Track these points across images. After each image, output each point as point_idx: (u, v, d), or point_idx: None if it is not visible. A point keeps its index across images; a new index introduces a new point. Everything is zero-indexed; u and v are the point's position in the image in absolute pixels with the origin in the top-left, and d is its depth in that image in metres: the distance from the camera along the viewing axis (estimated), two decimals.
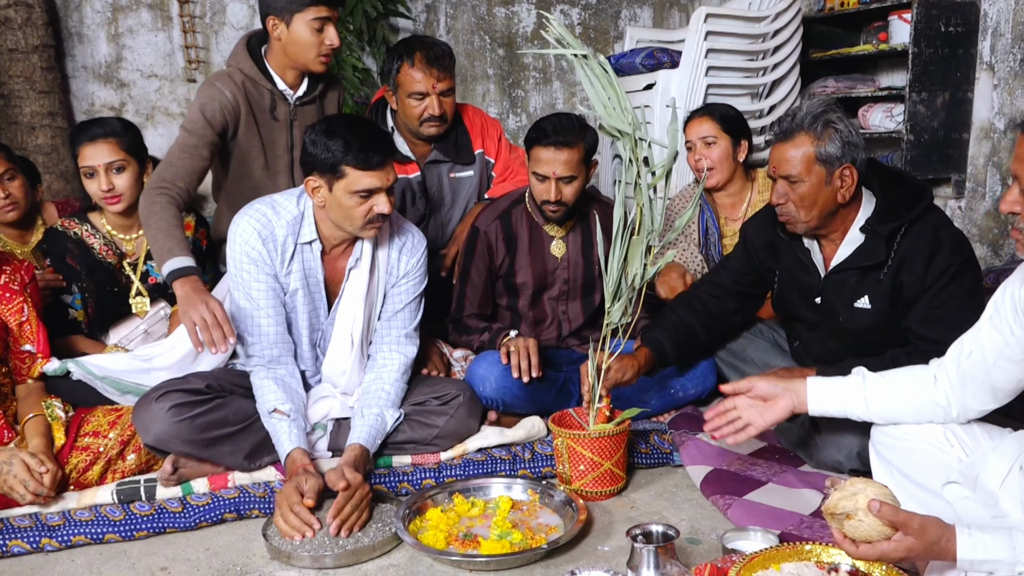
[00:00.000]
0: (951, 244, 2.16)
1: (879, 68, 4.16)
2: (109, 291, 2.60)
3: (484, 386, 2.47)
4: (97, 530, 2.03)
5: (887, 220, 2.19)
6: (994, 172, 3.68)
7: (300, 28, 2.58)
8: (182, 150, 2.55)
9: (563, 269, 2.75)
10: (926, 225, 2.17)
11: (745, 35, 3.67)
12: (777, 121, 2.28)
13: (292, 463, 2.11)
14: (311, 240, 2.30)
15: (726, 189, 3.03)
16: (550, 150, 2.49)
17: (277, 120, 2.72)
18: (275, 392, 2.23)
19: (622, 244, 2.07)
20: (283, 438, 2.16)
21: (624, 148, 2.02)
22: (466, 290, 2.76)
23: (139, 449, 2.25)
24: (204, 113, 2.58)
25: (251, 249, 2.25)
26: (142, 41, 4.41)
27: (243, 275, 2.27)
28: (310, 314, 2.37)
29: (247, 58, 2.68)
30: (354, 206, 2.18)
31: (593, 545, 2.00)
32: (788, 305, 2.47)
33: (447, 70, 2.78)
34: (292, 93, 2.73)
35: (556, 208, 2.57)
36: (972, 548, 1.43)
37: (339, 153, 2.14)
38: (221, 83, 2.63)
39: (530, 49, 5.15)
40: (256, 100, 2.68)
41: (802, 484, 2.19)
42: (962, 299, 2.14)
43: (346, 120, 2.21)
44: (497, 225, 2.72)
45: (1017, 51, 3.52)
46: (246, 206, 2.32)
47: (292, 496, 1.98)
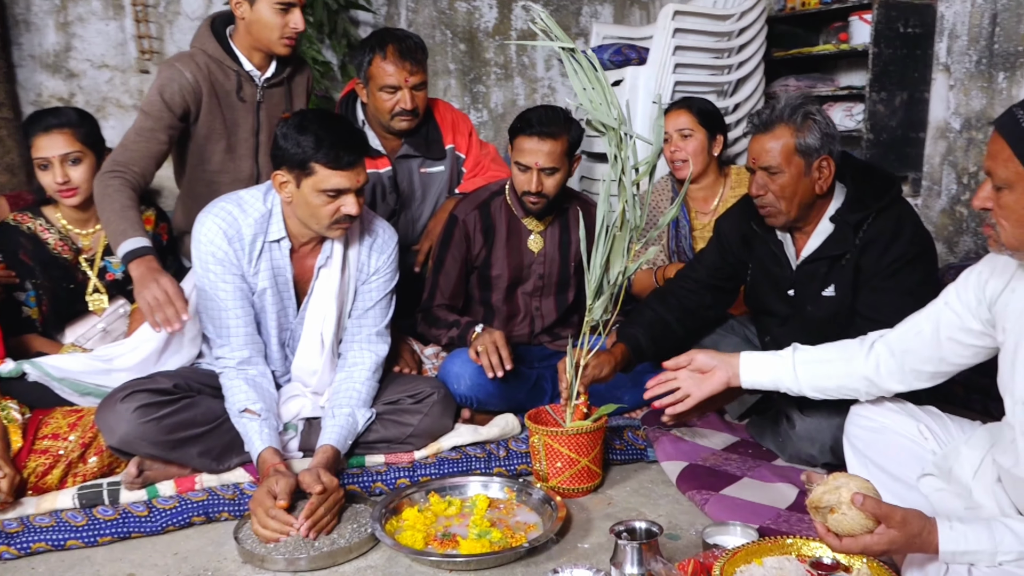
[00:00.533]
0: (911, 234, 2.19)
1: (838, 68, 4.22)
2: (65, 288, 2.50)
3: (459, 383, 2.44)
4: (58, 536, 1.95)
5: (856, 210, 2.22)
6: (949, 171, 3.76)
7: (263, 8, 2.51)
8: (138, 133, 2.47)
9: (539, 264, 2.72)
10: (891, 214, 2.20)
11: (712, 33, 3.69)
12: (756, 113, 2.29)
13: (263, 463, 2.06)
14: (280, 238, 2.24)
15: (699, 182, 3.04)
16: (534, 140, 2.47)
17: (244, 101, 2.65)
18: (245, 391, 2.17)
19: (605, 241, 2.06)
20: (254, 438, 2.10)
21: (609, 143, 2.00)
22: (439, 279, 2.72)
23: (101, 451, 2.17)
24: (163, 95, 2.49)
25: (216, 249, 2.19)
26: (92, 30, 4.27)
27: (209, 276, 2.20)
28: (279, 313, 2.31)
29: (211, 39, 2.60)
30: (321, 205, 2.13)
31: (573, 543, 1.98)
32: (760, 298, 2.48)
33: (420, 64, 2.73)
34: (260, 75, 2.66)
35: (537, 200, 2.55)
36: (954, 540, 1.45)
37: (309, 149, 2.08)
38: (181, 64, 2.55)
39: (493, 43, 5.12)
40: (220, 81, 2.60)
41: (777, 478, 2.20)
42: (911, 286, 2.16)
43: (320, 116, 2.16)
44: (476, 215, 2.69)
45: (973, 52, 3.60)
46: (211, 204, 2.25)
47: (265, 501, 1.93)
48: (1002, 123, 1.45)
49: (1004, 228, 1.47)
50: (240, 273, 2.22)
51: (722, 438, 2.47)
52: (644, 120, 3.53)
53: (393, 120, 2.76)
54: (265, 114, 2.68)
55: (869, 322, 2.18)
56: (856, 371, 1.88)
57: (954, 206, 3.75)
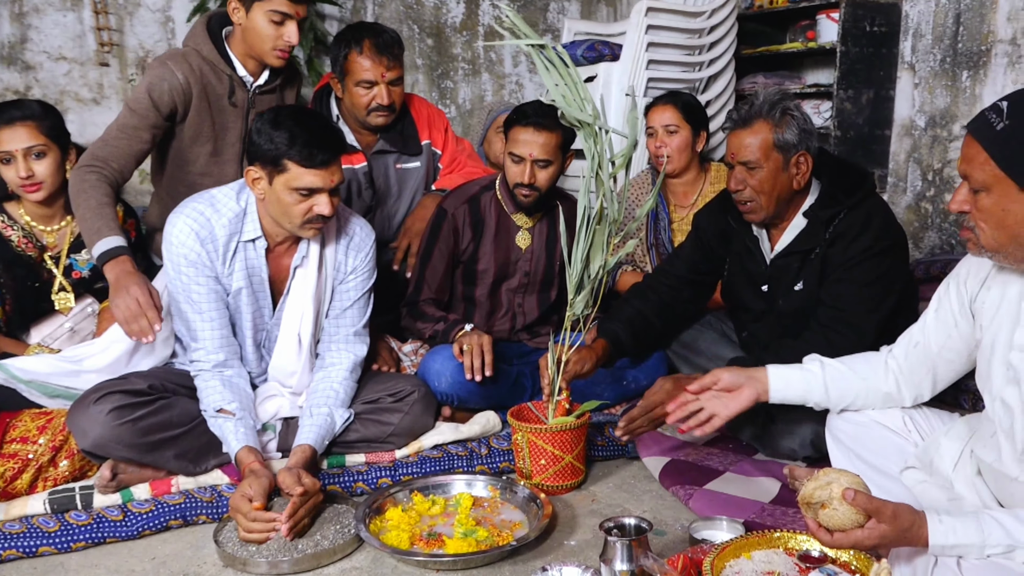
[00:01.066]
0: (878, 229, 2.21)
1: (805, 66, 4.27)
2: (29, 286, 2.42)
3: (439, 381, 2.41)
4: (29, 543, 1.89)
5: (827, 206, 2.24)
6: (915, 168, 3.82)
7: (258, 17, 2.45)
8: (121, 130, 2.40)
9: (525, 261, 2.71)
10: (862, 209, 2.23)
11: (684, 30, 3.71)
12: (735, 108, 2.30)
13: (240, 464, 2.02)
14: (255, 237, 2.18)
15: (681, 177, 3.05)
16: (529, 131, 2.45)
17: (235, 107, 2.59)
18: (220, 391, 2.12)
19: (586, 235, 2.05)
20: (230, 438, 2.06)
21: (585, 138, 1.99)
22: (425, 272, 2.68)
23: (72, 455, 2.11)
24: (151, 94, 2.43)
25: (189, 251, 2.12)
26: (49, 21, 4.15)
27: (182, 278, 2.14)
28: (254, 314, 2.26)
29: (207, 40, 2.54)
30: (293, 203, 2.08)
31: (559, 540, 1.97)
32: (736, 293, 2.50)
33: (397, 59, 2.69)
34: (252, 80, 2.60)
35: (529, 193, 2.53)
36: (943, 534, 1.46)
37: (283, 146, 2.03)
38: (174, 63, 2.48)
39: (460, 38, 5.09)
40: (212, 84, 2.55)
41: (759, 473, 2.22)
42: (873, 278, 2.18)
43: (296, 112, 2.11)
44: (465, 209, 2.66)
45: (937, 51, 3.67)
46: (182, 204, 2.19)
47: (242, 505, 1.89)
48: (975, 127, 1.46)
49: (983, 231, 1.48)
50: (214, 275, 2.16)
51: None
52: (618, 115, 3.53)
53: (369, 116, 2.72)
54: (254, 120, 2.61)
55: (828, 309, 2.21)
56: (878, 389, 1.87)
57: (919, 202, 3.82)
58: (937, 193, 3.75)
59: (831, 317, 2.20)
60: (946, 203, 3.69)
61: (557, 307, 2.82)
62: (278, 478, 1.97)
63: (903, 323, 2.29)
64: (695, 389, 1.97)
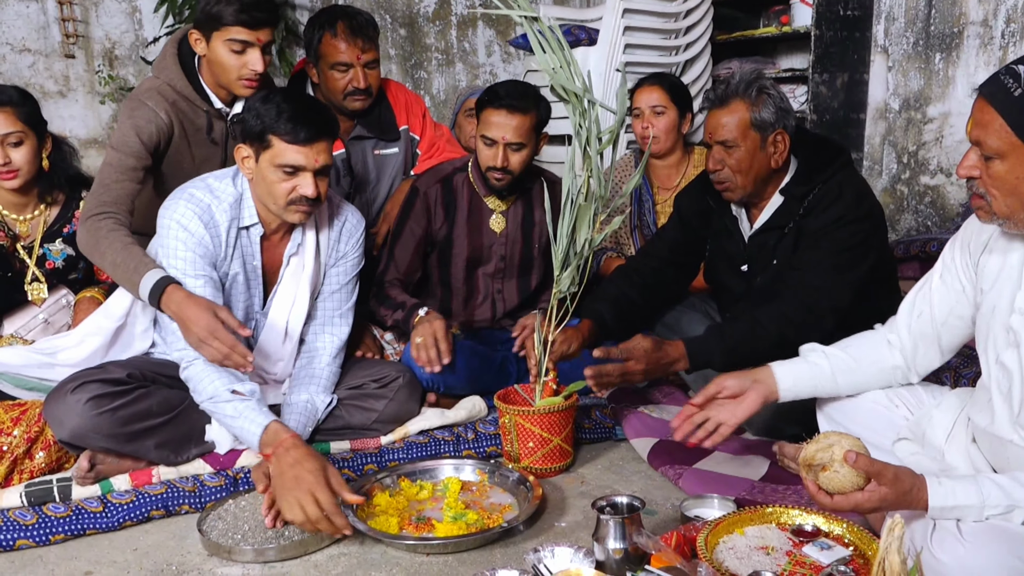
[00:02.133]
0: (850, 199, 2.21)
1: (779, 51, 4.29)
2: (2, 276, 2.35)
3: (423, 369, 2.38)
4: (6, 536, 1.84)
5: (803, 182, 2.25)
6: (890, 151, 3.85)
7: (219, 48, 2.33)
8: (121, 173, 2.26)
9: (500, 245, 2.67)
10: (835, 182, 2.23)
11: (659, 14, 3.70)
12: (711, 88, 2.30)
13: (275, 434, 1.87)
14: (252, 224, 2.13)
15: (665, 159, 3.05)
16: (501, 113, 2.41)
17: (215, 143, 2.48)
18: (221, 375, 2.00)
19: (571, 211, 2.03)
20: (254, 416, 1.92)
21: (573, 112, 1.97)
22: (395, 251, 2.63)
23: (48, 446, 2.05)
24: (140, 136, 2.30)
25: (190, 236, 2.05)
26: (11, 12, 4.06)
27: (178, 263, 2.05)
28: (245, 303, 2.21)
29: (180, 73, 2.41)
30: (277, 181, 2.03)
31: (550, 522, 1.95)
32: (717, 274, 2.50)
33: (372, 40, 2.65)
34: (228, 111, 2.48)
35: (501, 176, 2.49)
36: (943, 496, 1.46)
37: (269, 120, 1.99)
38: (154, 103, 2.35)
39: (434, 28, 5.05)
40: (190, 119, 2.43)
41: (748, 451, 2.22)
42: (843, 248, 2.17)
43: (287, 91, 2.06)
44: (438, 188, 2.62)
45: (910, 34, 3.69)
46: (177, 191, 2.11)
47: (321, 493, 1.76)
48: (991, 92, 1.41)
49: (995, 198, 1.46)
50: (213, 262, 2.10)
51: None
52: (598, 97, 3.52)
53: (346, 100, 2.68)
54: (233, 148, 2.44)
55: (796, 273, 2.20)
56: (885, 366, 1.85)
57: (895, 185, 3.85)
58: (912, 176, 3.78)
59: (798, 280, 2.18)
60: (922, 185, 3.73)
61: (540, 292, 2.79)
62: (251, 474, 1.93)
63: (884, 300, 2.32)
64: (699, 401, 1.91)
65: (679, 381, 2.69)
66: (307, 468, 1.78)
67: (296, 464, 1.79)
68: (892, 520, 1.21)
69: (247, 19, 2.29)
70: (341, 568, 1.77)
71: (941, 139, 3.65)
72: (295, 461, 1.80)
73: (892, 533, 1.21)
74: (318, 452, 1.87)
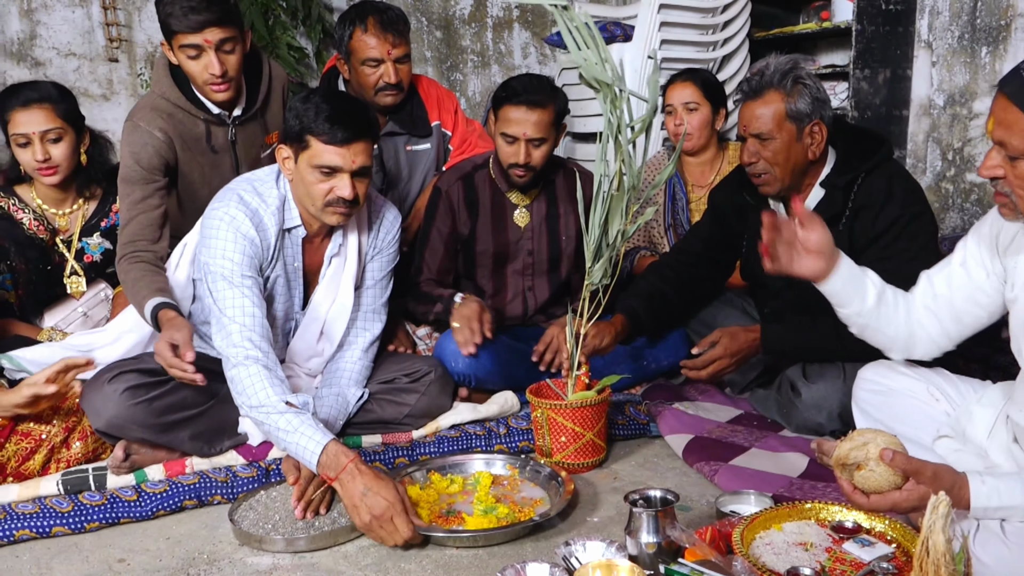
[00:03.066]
0: (903, 195, 2.15)
1: (818, 48, 4.22)
2: (42, 270, 2.39)
3: (456, 362, 2.37)
4: (43, 523, 1.85)
5: (843, 172, 2.19)
6: (934, 147, 3.76)
7: (179, 55, 2.28)
8: (131, 207, 2.28)
9: (527, 240, 2.65)
10: (882, 175, 2.17)
11: (697, 9, 3.67)
12: (745, 80, 2.25)
13: (337, 456, 1.78)
14: (295, 225, 2.13)
15: (699, 156, 3.01)
16: (521, 109, 2.39)
17: (215, 151, 2.43)
18: (277, 384, 1.91)
19: (604, 202, 2.00)
20: (309, 431, 1.82)
21: (604, 101, 1.95)
22: (425, 254, 2.63)
23: (86, 436, 2.08)
24: (140, 163, 2.29)
25: (240, 237, 2.02)
26: (58, 17, 4.15)
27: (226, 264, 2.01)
28: (285, 304, 2.20)
29: (172, 85, 2.36)
30: (314, 182, 2.01)
31: (582, 516, 1.92)
32: (755, 270, 2.44)
33: (402, 35, 2.65)
34: (227, 115, 2.43)
35: (523, 173, 2.47)
36: (986, 495, 1.41)
37: (307, 121, 1.98)
38: (147, 123, 2.31)
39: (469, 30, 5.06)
40: (189, 130, 2.38)
41: (786, 448, 2.16)
42: (915, 251, 2.11)
43: (327, 91, 2.04)
44: (460, 186, 2.61)
45: (955, 28, 3.61)
46: (225, 192, 2.09)
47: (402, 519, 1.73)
48: (1014, 91, 1.36)
49: (1021, 197, 1.43)
50: (260, 266, 2.08)
51: (726, 411, 2.43)
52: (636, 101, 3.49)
53: (377, 95, 2.68)
54: (243, 151, 2.47)
55: None
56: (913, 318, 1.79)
57: (939, 183, 3.75)
58: (958, 173, 3.68)
59: None
60: (968, 183, 3.63)
61: (569, 287, 2.76)
62: (283, 469, 1.93)
63: None
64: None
65: None
66: (381, 495, 1.73)
67: (368, 493, 1.73)
68: (936, 498, 1.15)
69: (188, 23, 2.21)
70: (371, 559, 1.75)
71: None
72: (366, 489, 1.73)
73: (936, 511, 1.15)
74: (382, 474, 1.79)
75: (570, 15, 1.93)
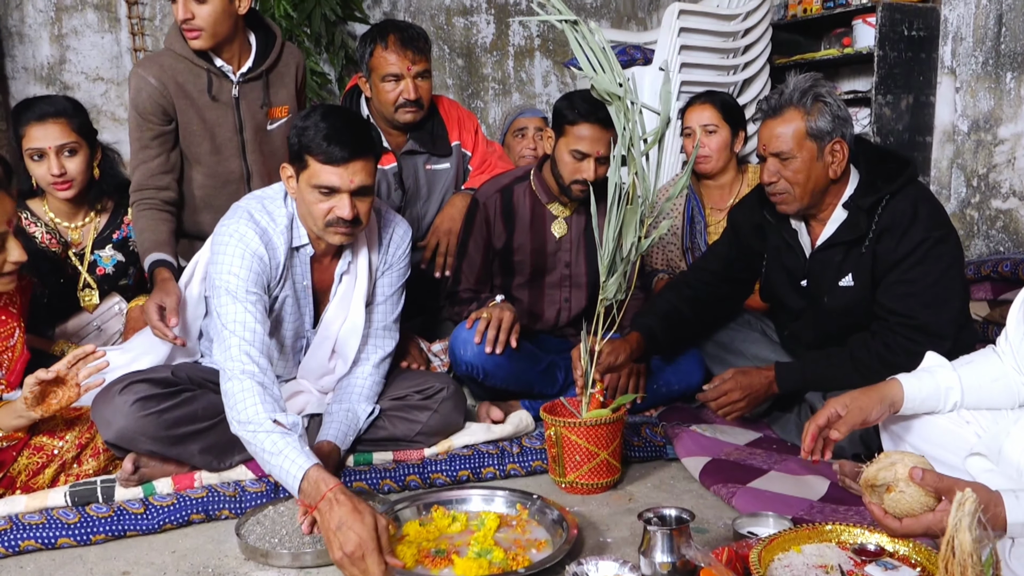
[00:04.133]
0: (927, 218, 2.11)
1: (840, 74, 4.20)
2: (54, 283, 2.41)
3: (464, 350, 2.34)
4: (49, 534, 1.83)
5: (867, 194, 2.16)
6: (958, 174, 3.71)
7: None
8: (134, 154, 2.50)
9: (565, 252, 2.64)
10: (906, 197, 2.13)
11: (717, 33, 3.67)
12: (765, 99, 2.23)
13: (317, 483, 1.68)
14: (303, 244, 2.11)
15: (717, 179, 2.98)
16: (596, 128, 2.38)
17: (215, 100, 2.53)
18: (269, 401, 1.84)
19: (617, 214, 1.98)
20: (294, 455, 1.73)
21: (616, 114, 1.93)
22: (463, 265, 2.63)
23: (98, 453, 2.07)
24: (136, 108, 2.46)
25: (248, 254, 2.00)
26: (87, 43, 4.23)
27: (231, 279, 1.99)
28: (295, 323, 2.19)
29: (179, 38, 2.49)
30: (314, 202, 1.99)
31: (595, 537, 1.87)
32: (775, 290, 2.41)
33: (422, 52, 2.66)
34: (231, 69, 2.55)
35: (585, 188, 2.44)
36: (1023, 511, 1.35)
37: (305, 139, 1.96)
38: (144, 69, 2.47)
39: (491, 58, 5.10)
40: (190, 81, 2.50)
41: (806, 471, 2.11)
42: (937, 275, 2.08)
43: (328, 108, 2.02)
44: (497, 198, 2.61)
45: (979, 54, 3.58)
46: (236, 208, 2.09)
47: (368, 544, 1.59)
48: None
49: None
50: (267, 285, 2.07)
51: (745, 434, 2.38)
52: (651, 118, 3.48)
53: (397, 112, 2.69)
54: (247, 111, 2.57)
55: (894, 315, 2.10)
56: (1011, 381, 1.74)
57: (964, 209, 3.70)
58: (983, 199, 3.63)
59: (902, 324, 2.09)
60: (993, 210, 3.58)
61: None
62: None
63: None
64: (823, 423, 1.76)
65: None
66: (355, 531, 1.60)
67: (341, 528, 1.61)
68: (962, 495, 1.09)
69: None
70: None
71: (1013, 161, 3.51)
72: (340, 523, 1.61)
73: (963, 508, 1.09)
74: (364, 504, 1.65)
75: (580, 30, 1.93)
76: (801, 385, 2.28)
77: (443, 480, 2.16)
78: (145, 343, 2.24)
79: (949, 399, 1.77)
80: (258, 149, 2.62)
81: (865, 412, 1.75)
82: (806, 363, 2.26)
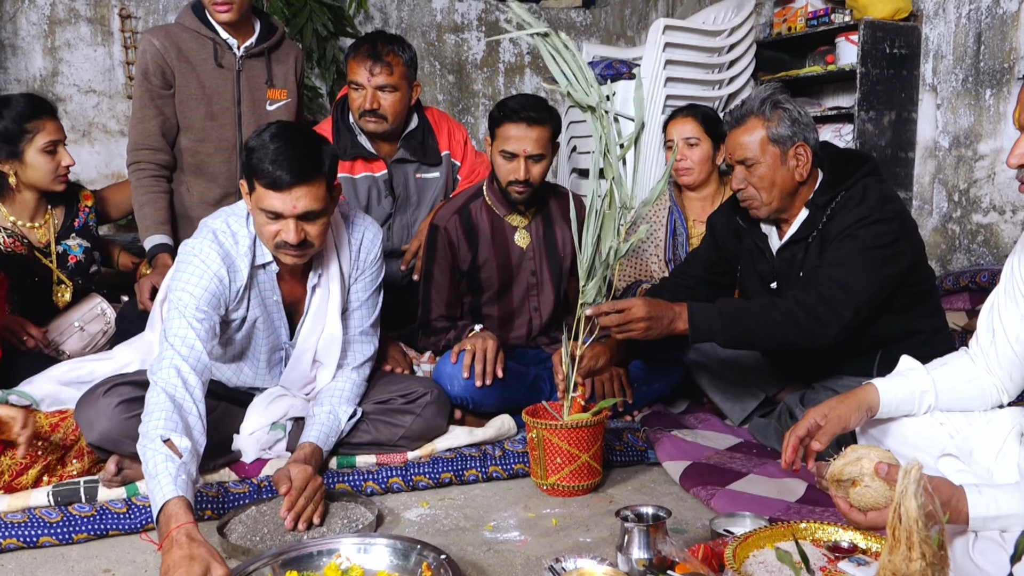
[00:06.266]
0: (873, 200, 2.15)
1: (824, 91, 4.26)
2: (29, 283, 2.45)
3: (452, 385, 2.36)
4: (30, 533, 1.84)
5: (827, 192, 2.22)
6: (940, 189, 3.76)
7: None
8: (134, 114, 2.72)
9: (529, 260, 2.67)
10: (859, 188, 2.19)
11: (702, 48, 3.72)
12: (729, 111, 2.31)
13: (168, 519, 1.59)
14: (267, 262, 2.09)
15: (699, 191, 3.02)
16: (521, 127, 2.43)
17: (221, 67, 2.73)
18: (174, 420, 1.77)
19: (596, 219, 2.01)
20: (165, 480, 1.65)
21: (592, 121, 1.98)
22: (431, 292, 2.64)
23: (83, 455, 2.07)
24: (140, 70, 2.67)
25: (206, 273, 1.98)
26: (80, 55, 4.27)
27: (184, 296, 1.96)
28: (270, 339, 2.19)
29: (190, 14, 2.74)
30: (263, 224, 1.96)
31: (574, 537, 1.89)
32: (749, 294, 2.46)
33: (386, 65, 2.67)
34: (236, 43, 2.75)
35: (523, 189, 2.50)
36: (984, 505, 1.38)
37: (253, 161, 1.91)
38: (151, 35, 2.71)
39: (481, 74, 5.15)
40: (192, 48, 2.72)
41: (784, 474, 2.12)
42: (871, 245, 2.10)
43: (282, 128, 1.96)
44: (456, 220, 2.63)
45: (959, 71, 3.64)
46: (202, 229, 2.06)
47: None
48: None
49: None
50: (223, 307, 2.04)
51: (725, 439, 2.40)
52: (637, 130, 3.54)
53: (361, 120, 2.74)
54: (246, 84, 2.77)
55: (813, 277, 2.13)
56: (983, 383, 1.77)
57: (946, 224, 3.75)
58: (964, 214, 3.68)
59: (814, 286, 2.11)
60: (974, 224, 3.63)
61: (567, 302, 2.78)
62: (273, 480, 1.93)
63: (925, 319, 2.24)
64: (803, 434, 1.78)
65: (715, 408, 2.62)
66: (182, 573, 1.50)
67: (169, 572, 1.51)
68: (909, 463, 1.10)
69: None
70: None
71: (993, 176, 3.56)
72: (170, 567, 1.52)
73: (908, 476, 1.10)
74: (204, 551, 1.54)
75: (552, 42, 1.97)
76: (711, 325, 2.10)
77: (426, 483, 2.17)
78: (129, 352, 2.26)
79: (924, 402, 1.81)
80: (254, 123, 2.72)
81: (844, 421, 1.78)
82: (721, 305, 2.17)
